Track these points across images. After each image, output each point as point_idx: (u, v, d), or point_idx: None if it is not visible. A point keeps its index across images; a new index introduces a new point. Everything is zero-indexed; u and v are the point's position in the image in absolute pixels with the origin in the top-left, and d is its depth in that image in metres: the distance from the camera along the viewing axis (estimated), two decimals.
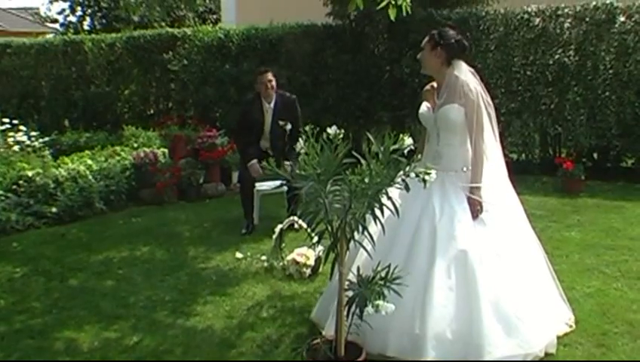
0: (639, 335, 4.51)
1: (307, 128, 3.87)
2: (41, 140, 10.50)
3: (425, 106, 4.61)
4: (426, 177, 3.70)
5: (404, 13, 5.44)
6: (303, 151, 3.87)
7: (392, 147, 3.72)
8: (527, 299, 4.26)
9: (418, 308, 4.09)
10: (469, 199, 4.33)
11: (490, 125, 4.55)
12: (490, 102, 4.55)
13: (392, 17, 5.37)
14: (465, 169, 4.42)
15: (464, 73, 4.48)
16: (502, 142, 4.74)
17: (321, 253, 5.61)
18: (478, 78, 4.55)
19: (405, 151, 3.74)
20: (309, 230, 3.99)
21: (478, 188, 4.35)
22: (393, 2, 5.30)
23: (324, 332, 4.39)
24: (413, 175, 3.71)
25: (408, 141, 3.73)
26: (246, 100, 7.90)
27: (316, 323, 4.70)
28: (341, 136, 3.81)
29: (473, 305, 4.07)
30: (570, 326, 4.61)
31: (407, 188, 3.72)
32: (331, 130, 3.83)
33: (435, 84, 4.61)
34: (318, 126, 3.90)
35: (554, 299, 4.65)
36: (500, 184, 4.54)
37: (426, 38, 4.56)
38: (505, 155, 4.75)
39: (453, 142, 4.46)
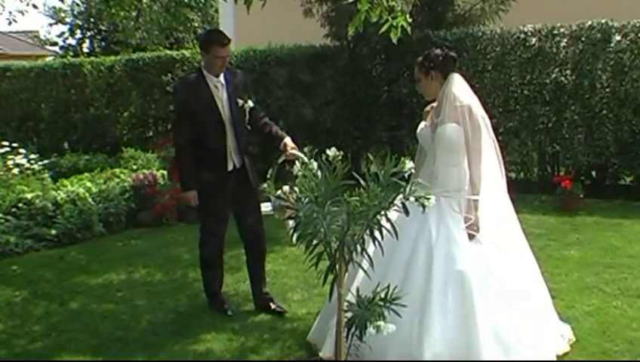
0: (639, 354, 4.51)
1: (305, 150, 3.87)
2: (40, 163, 10.53)
3: (423, 125, 4.62)
4: (425, 202, 3.70)
5: (409, 33, 5.43)
6: (300, 173, 3.87)
7: (393, 170, 3.73)
8: (525, 319, 4.25)
9: (415, 330, 4.09)
10: (465, 219, 4.32)
11: (490, 141, 4.55)
12: (486, 115, 4.54)
13: (394, 40, 5.37)
14: (462, 189, 4.41)
15: (459, 86, 4.48)
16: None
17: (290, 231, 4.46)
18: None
19: (406, 175, 3.75)
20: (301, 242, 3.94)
21: (475, 207, 4.33)
22: (395, 24, 5.31)
23: (320, 354, 4.38)
24: (412, 199, 3.71)
25: (409, 165, 3.74)
26: (183, 80, 5.66)
27: (312, 343, 4.68)
28: (340, 158, 3.81)
29: (471, 326, 4.07)
30: (568, 340, 4.59)
31: (406, 212, 3.73)
32: (331, 152, 3.84)
33: (435, 105, 4.62)
34: (316, 147, 3.91)
35: (552, 316, 4.63)
36: (497, 202, 4.52)
37: (416, 69, 4.58)
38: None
39: (449, 162, 4.44)
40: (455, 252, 4.21)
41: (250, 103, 5.30)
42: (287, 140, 5.26)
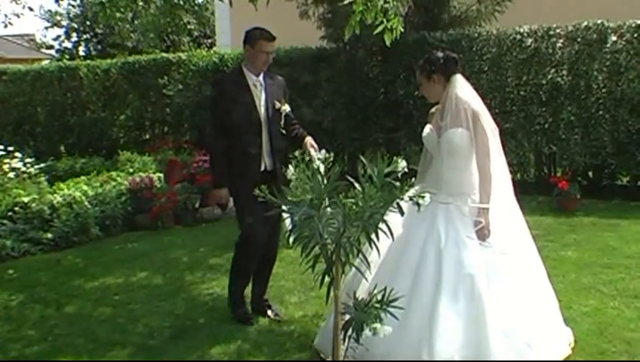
0: (637, 354, 4.50)
1: (297, 153, 3.87)
2: (36, 166, 10.52)
3: (428, 128, 4.55)
4: (420, 201, 3.69)
5: (401, 36, 5.45)
6: (294, 177, 3.86)
7: (386, 170, 3.72)
8: (534, 323, 4.24)
9: (425, 334, 4.07)
10: (475, 222, 4.27)
11: (496, 142, 4.52)
12: (490, 118, 4.53)
13: (388, 42, 5.38)
14: (470, 192, 4.37)
15: (462, 87, 4.45)
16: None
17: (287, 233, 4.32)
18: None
19: (399, 175, 3.75)
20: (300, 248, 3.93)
21: (486, 210, 4.29)
22: (389, 27, 5.33)
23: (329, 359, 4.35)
24: (407, 198, 3.71)
25: (402, 164, 3.74)
26: (223, 75, 5.49)
27: (319, 350, 4.62)
28: (331, 159, 3.80)
29: (481, 330, 4.05)
30: (570, 343, 4.59)
31: (401, 211, 3.72)
32: (321, 155, 3.85)
33: (439, 107, 4.56)
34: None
35: (558, 319, 4.62)
36: (505, 205, 4.49)
37: (418, 72, 4.54)
38: None
39: (457, 166, 4.40)
40: (464, 255, 4.18)
41: (287, 107, 5.31)
42: (308, 139, 5.19)
